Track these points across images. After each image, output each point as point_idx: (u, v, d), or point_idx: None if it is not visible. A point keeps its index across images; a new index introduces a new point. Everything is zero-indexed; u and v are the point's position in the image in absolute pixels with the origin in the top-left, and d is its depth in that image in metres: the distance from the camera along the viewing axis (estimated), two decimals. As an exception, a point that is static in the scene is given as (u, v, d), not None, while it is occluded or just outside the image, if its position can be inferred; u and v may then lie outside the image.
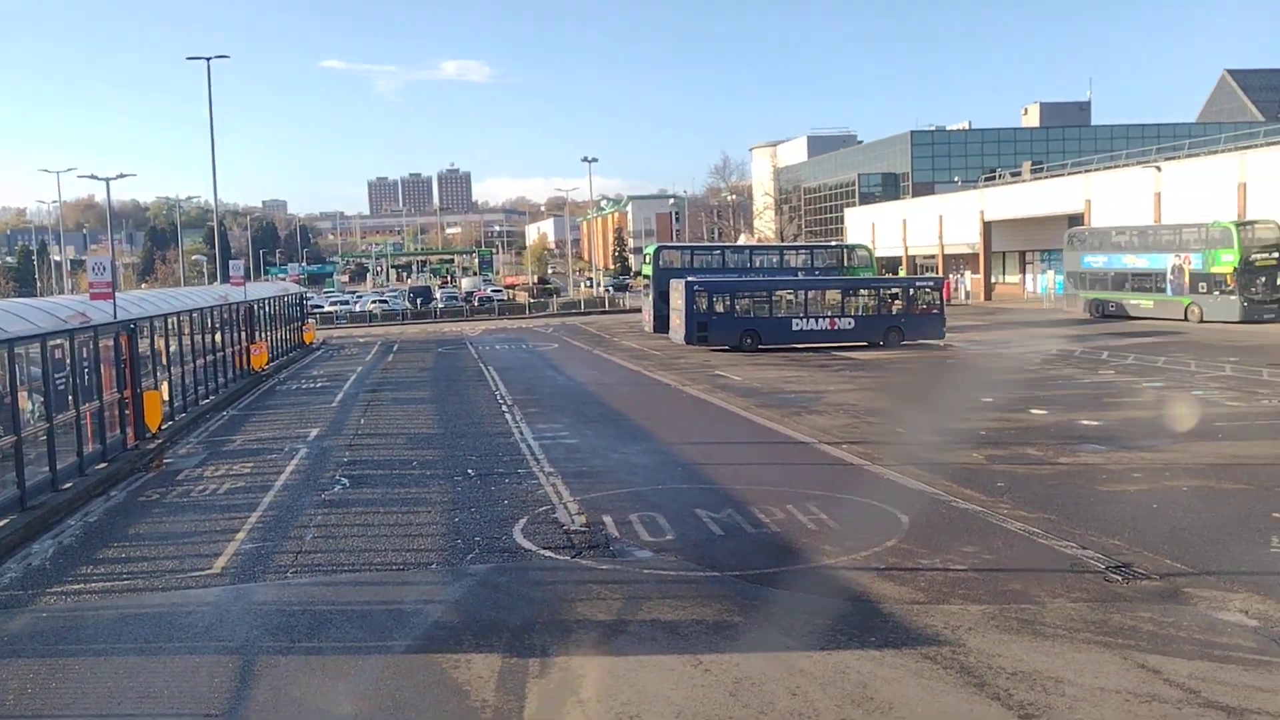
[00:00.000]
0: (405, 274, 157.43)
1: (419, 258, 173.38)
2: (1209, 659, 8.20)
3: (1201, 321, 41.55)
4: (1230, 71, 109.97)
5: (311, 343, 49.24)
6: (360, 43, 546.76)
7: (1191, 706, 7.35)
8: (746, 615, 9.60)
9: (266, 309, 39.12)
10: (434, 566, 11.61)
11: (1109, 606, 9.49)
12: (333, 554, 12.32)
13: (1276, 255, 41.10)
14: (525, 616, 9.76)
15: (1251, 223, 42.25)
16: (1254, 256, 40.94)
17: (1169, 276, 43.92)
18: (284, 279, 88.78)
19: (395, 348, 46.80)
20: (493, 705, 7.79)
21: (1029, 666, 8.13)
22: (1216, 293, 41.64)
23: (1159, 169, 51.45)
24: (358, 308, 75.52)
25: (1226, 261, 41.06)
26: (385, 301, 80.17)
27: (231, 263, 40.65)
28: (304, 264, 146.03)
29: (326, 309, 74.08)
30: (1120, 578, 10.27)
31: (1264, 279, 41.01)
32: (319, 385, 31.93)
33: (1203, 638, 8.69)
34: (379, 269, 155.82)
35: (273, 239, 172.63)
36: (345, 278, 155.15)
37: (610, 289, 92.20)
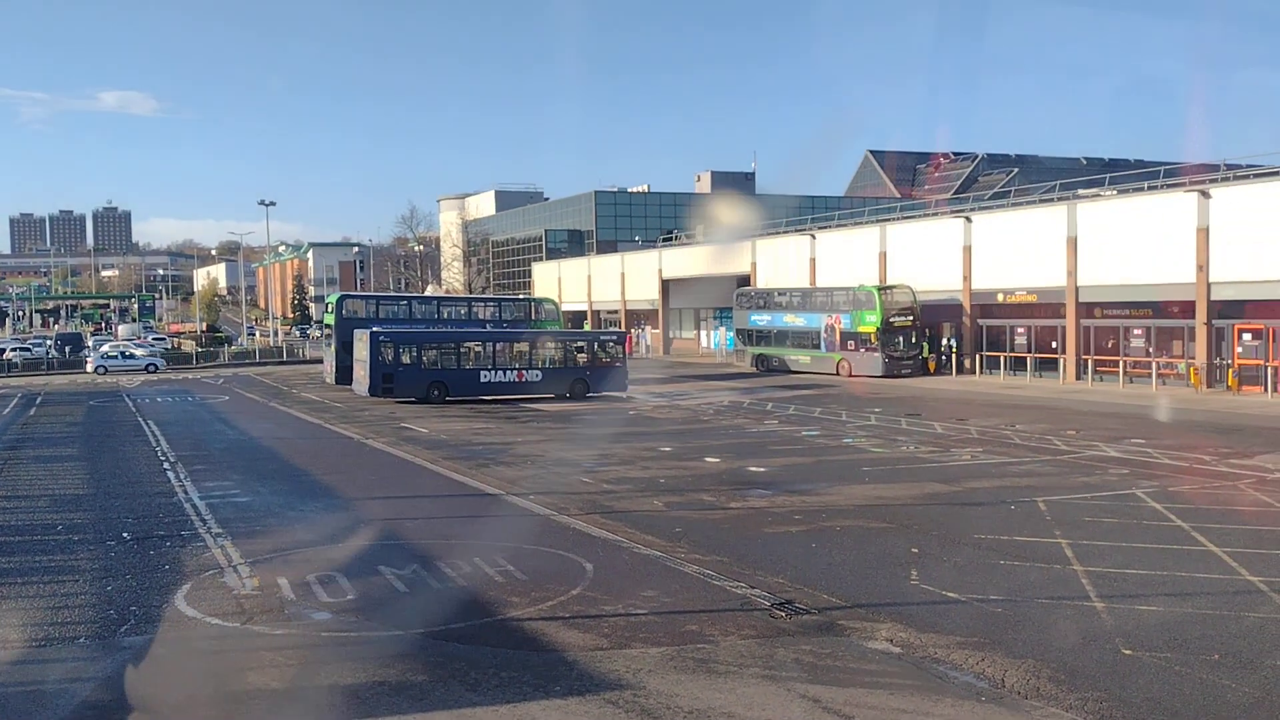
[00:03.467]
0: (53, 319, 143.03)
1: (69, 302, 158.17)
2: (861, 685, 8.94)
3: (851, 376, 45.71)
4: (871, 152, 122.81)
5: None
6: (2, 64, 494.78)
7: (846, 730, 7.96)
8: (431, 673, 9.40)
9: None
10: (82, 641, 10.49)
11: (774, 641, 10.13)
12: (-44, 634, 10.83)
13: (910, 317, 46.10)
14: (188, 690, 9.03)
15: (890, 287, 47.19)
16: (893, 318, 45.67)
17: (823, 334, 48.05)
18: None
19: (39, 400, 42.23)
20: (149, 790, 7.13)
21: (704, 704, 8.50)
22: (863, 350, 46.00)
23: (814, 236, 56.40)
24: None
25: (870, 322, 45.53)
26: (28, 349, 72.28)
27: None
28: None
29: None
30: (784, 614, 11.00)
31: (901, 338, 45.83)
32: (-58, 442, 28.16)
33: (855, 666, 9.47)
34: (21, 313, 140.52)
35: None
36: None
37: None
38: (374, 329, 38.37)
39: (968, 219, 46.85)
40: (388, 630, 10.66)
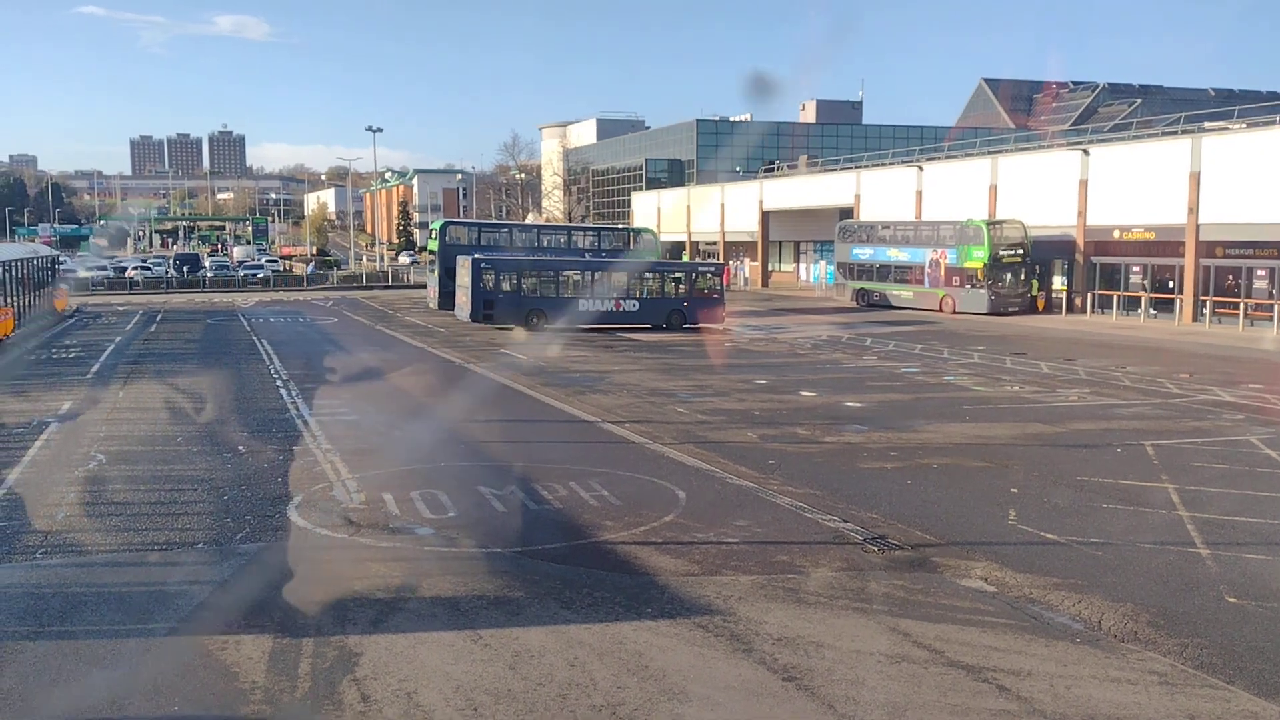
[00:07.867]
0: (171, 240, 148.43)
1: (186, 223, 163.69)
2: (953, 622, 8.92)
3: (955, 313, 44.74)
4: (986, 80, 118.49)
5: (64, 310, 45.70)
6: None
7: (937, 666, 7.98)
8: (527, 590, 9.69)
9: (12, 272, 35.98)
10: (201, 546, 11.08)
11: (866, 575, 10.15)
12: (87, 534, 11.55)
13: (1021, 253, 44.75)
14: (299, 596, 9.48)
15: (1000, 222, 45.79)
16: (1002, 254, 44.39)
17: (927, 270, 47.01)
18: (35, 240, 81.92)
19: (159, 317, 44.08)
20: (263, 686, 7.55)
21: (793, 632, 8.60)
22: (968, 286, 44.91)
23: (921, 168, 54.93)
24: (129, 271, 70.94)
25: (978, 257, 44.35)
26: (148, 268, 75.30)
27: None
28: (56, 225, 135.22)
29: (82, 274, 68.82)
30: (876, 548, 11.00)
31: (1009, 275, 44.57)
32: (72, 355, 29.70)
33: (948, 603, 9.44)
34: (141, 233, 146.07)
35: (20, 197, 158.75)
36: (103, 241, 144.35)
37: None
38: (476, 256, 38.85)
39: (1085, 151, 45.03)
40: (486, 547, 11.00)
